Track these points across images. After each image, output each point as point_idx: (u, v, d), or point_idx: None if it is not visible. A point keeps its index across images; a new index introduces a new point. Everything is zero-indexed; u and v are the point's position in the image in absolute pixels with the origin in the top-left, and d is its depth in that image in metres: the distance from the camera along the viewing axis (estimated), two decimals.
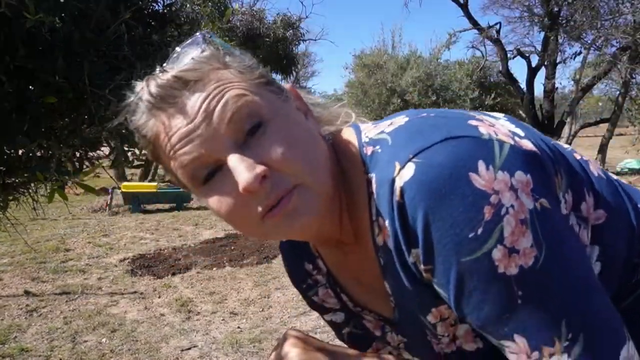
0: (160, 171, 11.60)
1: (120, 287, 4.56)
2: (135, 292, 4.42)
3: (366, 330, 0.80)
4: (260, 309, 3.98)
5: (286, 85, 0.66)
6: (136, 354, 3.23)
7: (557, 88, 13.87)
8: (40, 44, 1.38)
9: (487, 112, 0.63)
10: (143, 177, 10.60)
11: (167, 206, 8.50)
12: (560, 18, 11.85)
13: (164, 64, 0.61)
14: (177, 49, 0.62)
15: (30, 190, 1.66)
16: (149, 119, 0.59)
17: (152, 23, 1.75)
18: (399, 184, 0.54)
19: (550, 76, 12.99)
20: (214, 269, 5.07)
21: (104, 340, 3.44)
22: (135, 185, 8.95)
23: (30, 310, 3.96)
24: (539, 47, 13.07)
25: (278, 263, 5.25)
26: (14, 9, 1.22)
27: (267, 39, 10.46)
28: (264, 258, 5.43)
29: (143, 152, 2.01)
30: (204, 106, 0.56)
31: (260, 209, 0.56)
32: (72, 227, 6.96)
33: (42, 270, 5.00)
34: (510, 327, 0.52)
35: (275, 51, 10.30)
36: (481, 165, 0.51)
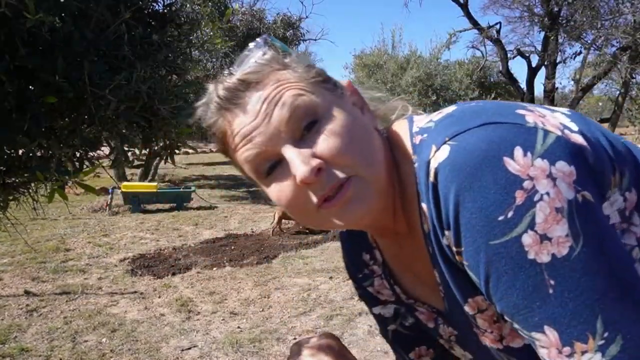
0: (161, 171, 11.59)
1: (120, 287, 4.56)
2: (135, 292, 4.42)
3: (417, 324, 0.81)
4: (260, 309, 3.98)
5: (343, 81, 0.69)
6: (136, 354, 3.23)
7: (557, 88, 13.87)
8: (40, 44, 1.38)
9: (546, 106, 0.62)
10: (143, 177, 10.59)
11: (167, 206, 8.49)
12: (560, 18, 11.85)
13: (231, 68, 0.66)
14: (245, 52, 0.67)
15: (30, 190, 1.66)
16: (218, 118, 0.65)
17: (152, 23, 1.75)
18: (433, 165, 0.55)
19: (550, 76, 12.98)
20: (214, 269, 5.07)
21: (104, 340, 3.45)
22: (135, 185, 8.94)
23: (31, 310, 3.96)
24: (539, 47, 13.08)
25: (278, 263, 5.25)
26: (14, 9, 1.22)
27: None
28: (264, 258, 5.43)
29: (143, 152, 2.01)
30: (264, 106, 0.61)
31: (315, 199, 0.60)
32: (72, 227, 6.96)
33: (42, 270, 5.00)
34: (541, 317, 0.51)
35: None
36: (518, 150, 0.51)
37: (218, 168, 14.14)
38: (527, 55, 13.51)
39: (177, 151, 1.99)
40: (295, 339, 3.41)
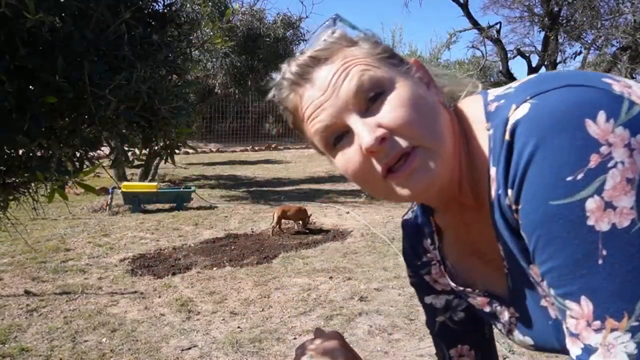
0: (161, 171, 11.59)
1: (121, 287, 4.56)
2: (135, 292, 4.42)
3: (466, 320, 0.82)
4: (260, 309, 3.98)
5: (410, 58, 0.72)
6: (136, 354, 3.23)
7: None
8: (40, 44, 1.38)
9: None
10: (143, 177, 10.58)
11: (167, 206, 8.49)
12: (560, 18, 11.85)
13: (303, 47, 0.70)
14: (316, 32, 0.71)
15: (30, 190, 1.66)
16: (290, 93, 0.69)
17: (152, 23, 1.75)
18: (511, 121, 0.56)
19: None
20: (214, 268, 5.07)
21: (104, 340, 3.45)
22: (135, 185, 8.92)
23: (31, 310, 3.96)
24: (539, 47, 13.07)
25: (278, 263, 5.25)
26: (14, 9, 1.22)
27: (267, 39, 10.44)
28: (264, 258, 5.43)
29: (143, 152, 2.01)
30: (333, 81, 0.64)
31: (379, 168, 0.62)
32: (72, 227, 6.96)
33: (42, 270, 5.00)
34: (581, 285, 0.50)
35: (275, 51, 10.27)
36: (601, 115, 0.50)
37: (218, 168, 14.13)
38: (527, 55, 13.51)
39: (177, 151, 1.99)
40: (295, 338, 3.41)
